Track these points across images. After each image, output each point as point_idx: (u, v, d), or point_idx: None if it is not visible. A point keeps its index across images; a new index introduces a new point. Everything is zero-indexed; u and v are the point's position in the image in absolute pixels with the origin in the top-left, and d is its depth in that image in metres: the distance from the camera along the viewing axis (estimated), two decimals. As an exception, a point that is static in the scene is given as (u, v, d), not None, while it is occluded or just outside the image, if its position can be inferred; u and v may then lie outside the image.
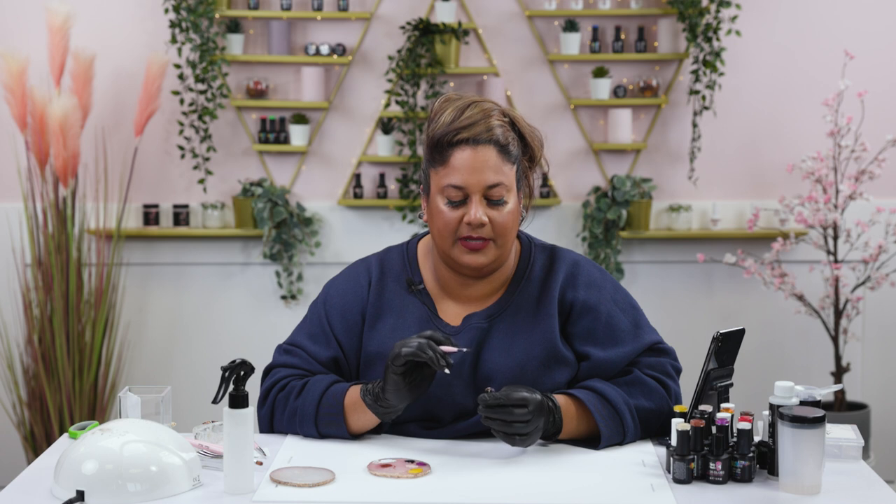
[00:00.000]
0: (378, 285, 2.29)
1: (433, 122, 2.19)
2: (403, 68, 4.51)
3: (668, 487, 1.95)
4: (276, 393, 2.25)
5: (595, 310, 2.25)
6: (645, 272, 4.69)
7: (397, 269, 2.30)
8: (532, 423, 2.06)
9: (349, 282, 2.31)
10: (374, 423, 2.19)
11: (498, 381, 2.19)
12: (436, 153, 2.18)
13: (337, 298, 2.30)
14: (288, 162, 4.69)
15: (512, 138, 2.19)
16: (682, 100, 4.67)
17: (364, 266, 2.33)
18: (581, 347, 2.24)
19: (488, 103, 2.20)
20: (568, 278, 2.27)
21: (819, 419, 1.90)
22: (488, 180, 2.15)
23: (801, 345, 4.71)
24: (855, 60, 4.48)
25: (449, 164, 2.16)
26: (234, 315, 4.69)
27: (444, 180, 2.16)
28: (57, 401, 4.35)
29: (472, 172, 2.14)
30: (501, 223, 2.17)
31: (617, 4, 4.64)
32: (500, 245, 2.19)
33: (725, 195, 4.71)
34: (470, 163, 2.14)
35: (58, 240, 4.36)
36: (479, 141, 2.15)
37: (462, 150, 2.15)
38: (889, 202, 4.52)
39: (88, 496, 1.85)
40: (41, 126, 4.30)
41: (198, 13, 4.39)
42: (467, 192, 2.15)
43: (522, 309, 2.25)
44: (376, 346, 2.25)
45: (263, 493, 1.91)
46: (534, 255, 2.30)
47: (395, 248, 2.35)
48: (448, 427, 2.22)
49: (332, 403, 2.18)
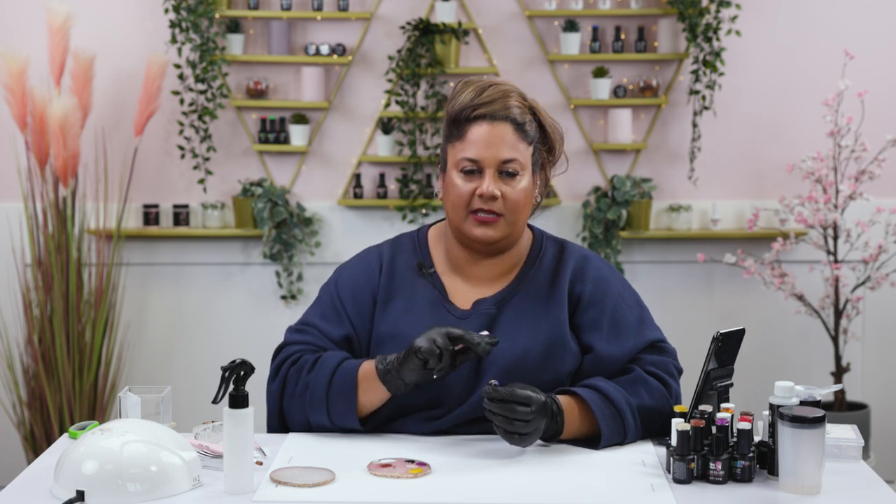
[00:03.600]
0: (389, 269, 2.32)
1: (453, 100, 2.25)
2: (403, 68, 4.51)
3: (668, 487, 1.95)
4: (289, 367, 2.26)
5: (601, 303, 2.28)
6: (645, 272, 4.69)
7: (408, 254, 2.34)
8: (533, 424, 2.07)
9: (361, 265, 2.35)
10: (383, 398, 2.19)
11: (501, 365, 2.21)
12: (454, 128, 2.24)
13: (348, 280, 2.33)
14: (288, 162, 4.69)
15: (529, 120, 2.24)
16: (682, 100, 4.67)
17: (376, 251, 2.37)
18: (586, 339, 2.27)
19: (509, 85, 2.26)
20: (577, 272, 2.30)
21: (819, 419, 1.90)
22: (503, 155, 2.20)
23: (801, 345, 4.71)
24: (855, 60, 4.48)
25: (466, 138, 2.22)
26: (234, 315, 4.69)
27: (460, 154, 2.22)
28: (57, 401, 4.35)
29: (487, 146, 2.20)
30: (514, 199, 2.22)
31: (617, 4, 4.64)
32: (511, 221, 2.23)
33: (725, 195, 4.71)
34: (486, 137, 2.20)
35: (58, 240, 4.36)
36: (497, 117, 2.21)
37: (479, 125, 2.21)
38: (889, 202, 4.52)
39: (88, 496, 1.85)
40: (41, 126, 4.30)
41: (198, 13, 4.39)
42: (482, 166, 2.21)
43: (531, 296, 2.28)
44: (387, 327, 2.27)
45: (263, 493, 1.91)
46: (545, 245, 2.35)
47: (406, 234, 2.39)
48: (451, 414, 2.22)
49: (345, 377, 2.19)
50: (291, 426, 2.27)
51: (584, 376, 2.26)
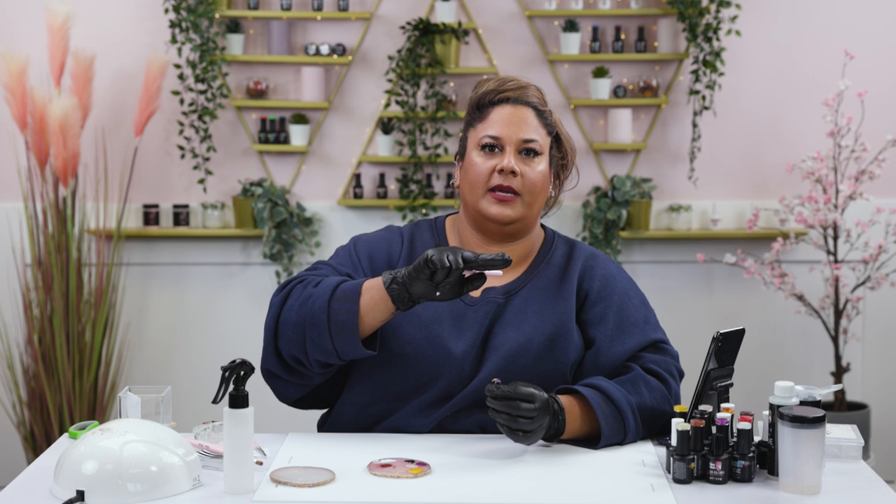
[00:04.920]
0: (409, 244, 2.36)
1: (476, 90, 2.33)
2: (403, 68, 4.51)
3: (668, 487, 1.95)
4: (295, 284, 2.26)
5: (608, 300, 2.31)
6: (645, 272, 4.69)
7: (426, 237, 2.38)
8: (537, 421, 2.07)
9: (382, 237, 2.39)
10: (387, 313, 2.16)
11: (504, 352, 2.22)
12: (476, 112, 2.32)
13: (366, 242, 2.38)
14: (288, 162, 4.69)
15: (548, 112, 2.32)
16: (682, 100, 4.67)
17: (397, 229, 2.42)
18: (590, 334, 2.30)
19: (529, 83, 2.34)
20: (586, 269, 2.34)
21: (819, 419, 1.90)
22: (524, 134, 2.27)
23: (801, 345, 4.71)
24: (855, 60, 4.48)
25: (488, 119, 2.29)
26: (234, 315, 4.69)
27: (482, 132, 2.29)
28: (57, 401, 4.35)
29: (509, 125, 2.27)
30: (532, 178, 2.27)
31: (617, 4, 4.64)
32: (528, 203, 2.27)
33: (725, 195, 4.71)
34: (508, 117, 2.28)
35: (58, 240, 4.36)
36: (519, 101, 2.30)
37: (502, 108, 2.29)
38: (889, 202, 4.52)
39: (88, 496, 1.85)
40: (41, 126, 4.30)
41: (198, 13, 4.39)
42: (503, 143, 2.27)
43: (539, 289, 2.30)
44: None
45: (263, 493, 1.91)
46: (556, 243, 2.39)
47: (424, 220, 2.44)
48: (456, 397, 2.23)
49: (348, 288, 2.18)
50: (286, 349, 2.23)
51: (585, 371, 2.28)
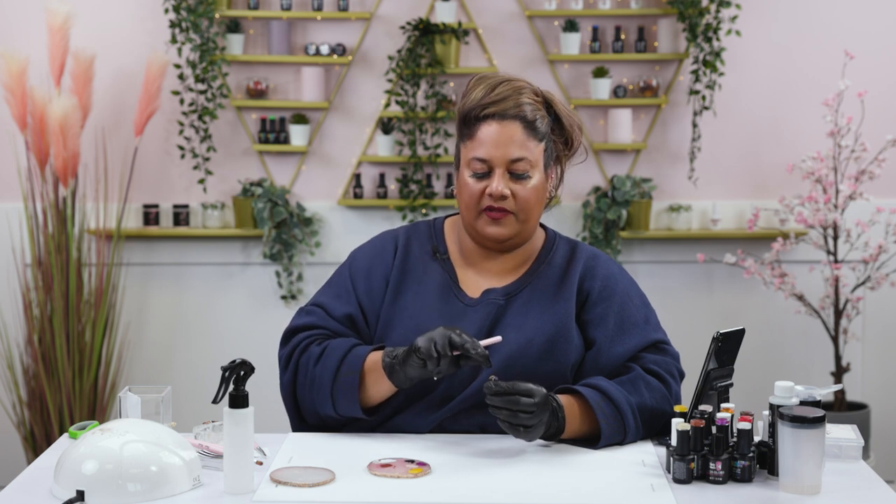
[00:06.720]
0: (403, 252, 2.36)
1: (465, 98, 2.27)
2: (403, 68, 4.51)
3: (668, 487, 1.95)
4: (299, 356, 2.27)
5: (609, 300, 2.30)
6: (645, 272, 4.69)
7: (423, 239, 2.38)
8: (537, 416, 2.07)
9: (375, 248, 2.38)
10: (389, 391, 2.20)
11: (505, 353, 2.22)
12: (465, 127, 2.27)
13: (362, 261, 2.37)
14: (288, 162, 4.69)
15: (541, 116, 2.25)
16: (682, 100, 4.67)
17: (391, 235, 2.40)
18: (590, 334, 2.29)
19: (521, 82, 2.27)
20: (587, 269, 2.33)
21: (819, 419, 1.90)
22: (511, 154, 2.22)
23: (801, 345, 4.71)
24: (855, 60, 4.48)
25: (475, 137, 2.24)
26: (234, 315, 4.69)
27: (471, 153, 2.25)
28: (57, 401, 4.35)
29: (496, 146, 2.22)
30: (524, 197, 2.24)
31: (617, 4, 4.64)
32: (522, 219, 2.26)
33: (725, 195, 4.71)
34: (495, 137, 2.22)
35: (58, 240, 4.36)
36: (506, 116, 2.22)
37: (488, 125, 2.23)
38: (889, 202, 4.52)
39: (88, 496, 1.85)
40: (41, 126, 4.30)
41: (198, 13, 4.39)
42: (491, 165, 2.23)
43: (539, 290, 2.30)
44: (396, 309, 2.29)
45: (263, 493, 1.91)
46: (557, 244, 2.37)
47: (423, 221, 2.43)
48: (456, 399, 2.23)
49: (351, 366, 2.20)
50: (307, 418, 2.29)
51: (585, 371, 2.28)
